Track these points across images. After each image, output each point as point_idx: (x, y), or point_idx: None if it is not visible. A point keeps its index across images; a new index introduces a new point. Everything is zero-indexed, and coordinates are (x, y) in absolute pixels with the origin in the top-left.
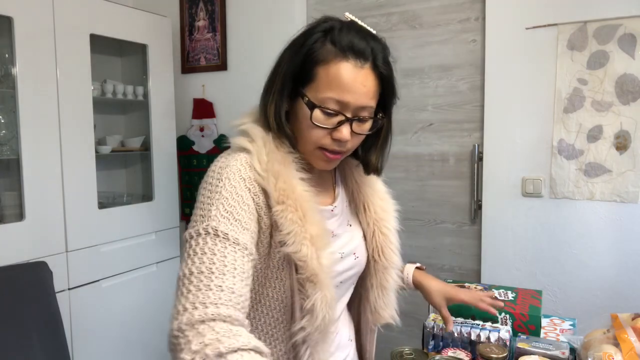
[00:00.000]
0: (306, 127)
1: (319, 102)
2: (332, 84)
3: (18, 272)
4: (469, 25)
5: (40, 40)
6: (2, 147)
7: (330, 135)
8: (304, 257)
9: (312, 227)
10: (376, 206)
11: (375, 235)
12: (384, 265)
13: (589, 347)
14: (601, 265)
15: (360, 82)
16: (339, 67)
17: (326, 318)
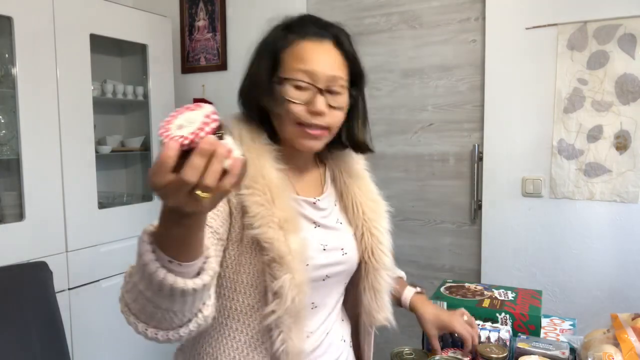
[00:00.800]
0: (283, 108)
1: (288, 76)
2: (296, 59)
3: (18, 272)
4: (469, 25)
5: (40, 40)
6: (2, 147)
7: (306, 110)
8: (269, 239)
9: (281, 211)
10: (365, 207)
11: (364, 236)
12: (375, 267)
13: (589, 347)
14: (601, 265)
15: (323, 52)
16: (300, 45)
17: (296, 300)
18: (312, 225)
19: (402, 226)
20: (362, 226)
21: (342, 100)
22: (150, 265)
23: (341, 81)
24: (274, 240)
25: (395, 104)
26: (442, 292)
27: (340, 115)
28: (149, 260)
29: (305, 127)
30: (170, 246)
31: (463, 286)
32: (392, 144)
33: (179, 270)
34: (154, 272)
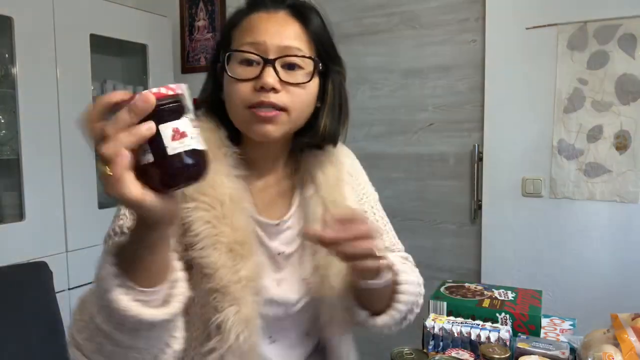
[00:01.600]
0: (229, 88)
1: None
2: (244, 33)
3: (18, 272)
4: (469, 25)
5: (40, 40)
6: (2, 147)
7: (253, 88)
8: (213, 265)
9: (234, 232)
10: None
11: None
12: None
13: (589, 347)
14: (601, 265)
15: (274, 22)
16: (249, 18)
17: (240, 338)
18: (270, 253)
19: (402, 226)
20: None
21: (301, 76)
22: (113, 293)
23: (298, 52)
24: (218, 266)
25: (395, 104)
26: (442, 292)
27: (301, 94)
28: (111, 286)
29: (254, 109)
30: (131, 268)
31: (463, 286)
32: (392, 144)
33: (144, 299)
34: (115, 299)
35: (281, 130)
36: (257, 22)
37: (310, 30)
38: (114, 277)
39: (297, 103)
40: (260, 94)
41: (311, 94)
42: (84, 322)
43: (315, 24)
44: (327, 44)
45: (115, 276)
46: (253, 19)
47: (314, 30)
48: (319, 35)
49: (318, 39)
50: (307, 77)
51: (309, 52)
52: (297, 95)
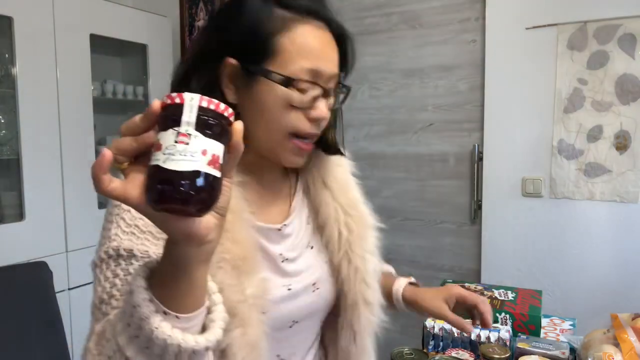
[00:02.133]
0: (278, 112)
1: (292, 76)
2: (301, 52)
3: (18, 272)
4: (469, 25)
5: (40, 40)
6: (2, 147)
7: (305, 117)
8: (219, 284)
9: (235, 246)
10: (341, 224)
11: (342, 262)
12: (354, 300)
13: (589, 347)
14: (601, 265)
15: (329, 46)
16: (304, 31)
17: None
18: (278, 260)
19: (402, 226)
20: (339, 250)
21: (332, 102)
22: (151, 321)
23: (336, 80)
24: (223, 286)
25: (395, 104)
26: None
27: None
28: (148, 313)
29: (299, 140)
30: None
31: (463, 286)
32: (392, 144)
33: (184, 326)
34: (155, 328)
35: (307, 157)
36: (315, 41)
37: (343, 44)
38: (149, 302)
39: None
40: (313, 126)
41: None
42: (105, 358)
43: (346, 34)
44: (353, 52)
45: (151, 301)
46: (308, 35)
47: (346, 45)
48: (347, 50)
49: (346, 53)
50: (337, 103)
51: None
52: (328, 120)
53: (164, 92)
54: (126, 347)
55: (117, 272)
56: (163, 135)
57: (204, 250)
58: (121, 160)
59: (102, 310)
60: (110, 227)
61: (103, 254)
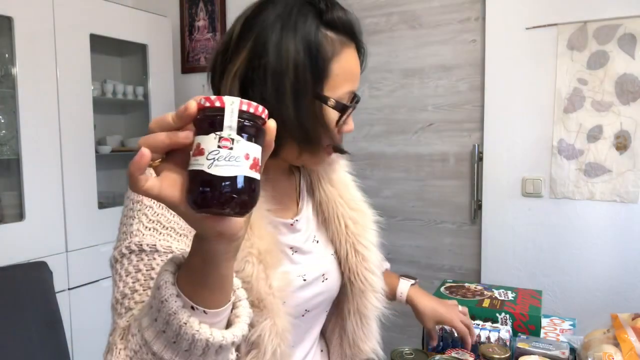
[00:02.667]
0: (324, 129)
1: (340, 100)
2: (347, 77)
3: (18, 272)
4: (469, 25)
5: (40, 40)
6: (2, 147)
7: (339, 131)
8: (248, 278)
9: (260, 241)
10: (347, 219)
11: (349, 254)
12: (361, 289)
13: (589, 347)
14: (601, 265)
15: (359, 68)
16: (348, 56)
17: (277, 353)
18: (289, 253)
19: (402, 226)
20: (346, 242)
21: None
22: (180, 316)
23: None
24: (252, 279)
25: (395, 104)
26: (442, 292)
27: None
28: (176, 308)
29: (327, 149)
30: (192, 288)
31: (463, 286)
32: (392, 144)
33: (211, 321)
34: (184, 323)
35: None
36: (355, 65)
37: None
38: (177, 297)
39: None
40: (341, 137)
41: None
42: (132, 353)
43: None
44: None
45: (178, 296)
46: (351, 58)
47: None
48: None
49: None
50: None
51: None
52: None
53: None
54: (153, 342)
55: (140, 267)
56: (204, 139)
57: (232, 246)
58: (154, 157)
59: (125, 304)
60: (132, 223)
61: (124, 249)
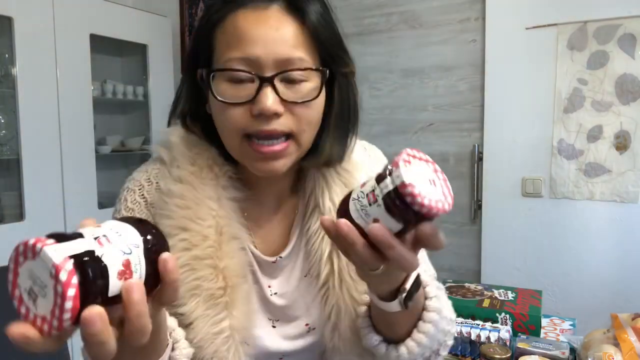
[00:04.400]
0: (218, 113)
1: (218, 67)
2: (231, 42)
3: None
4: (469, 25)
5: (40, 40)
6: (2, 147)
7: (250, 113)
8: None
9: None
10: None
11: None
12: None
13: (589, 347)
14: (601, 265)
15: (268, 26)
16: (234, 18)
17: None
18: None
19: None
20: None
21: (307, 91)
22: None
23: (302, 63)
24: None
25: (395, 104)
26: None
27: (308, 113)
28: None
29: (254, 144)
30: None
31: (463, 286)
32: (392, 144)
33: None
34: None
35: (289, 162)
36: (246, 26)
37: (311, 28)
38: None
39: (304, 124)
40: (260, 122)
41: (319, 109)
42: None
43: (315, 17)
44: (332, 42)
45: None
46: (239, 21)
47: (315, 27)
48: (321, 33)
49: (320, 37)
50: (313, 92)
51: (312, 59)
52: (303, 116)
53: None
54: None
55: None
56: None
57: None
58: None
59: None
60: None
61: None
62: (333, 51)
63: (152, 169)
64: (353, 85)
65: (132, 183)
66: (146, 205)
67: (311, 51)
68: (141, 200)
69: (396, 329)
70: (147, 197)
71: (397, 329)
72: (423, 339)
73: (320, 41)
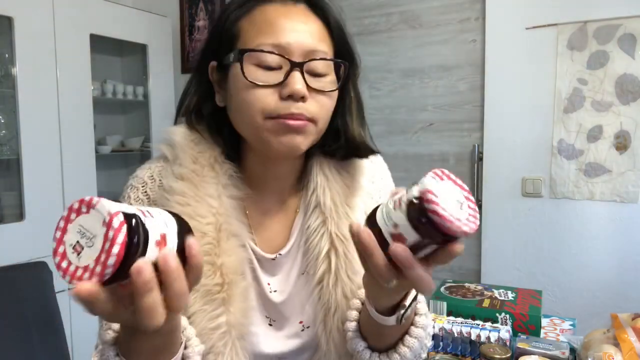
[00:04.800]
0: (245, 94)
1: (249, 47)
2: (262, 29)
3: (18, 272)
4: (469, 25)
5: (40, 40)
6: (2, 147)
7: (279, 96)
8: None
9: (216, 271)
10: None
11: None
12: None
13: (589, 347)
14: (601, 265)
15: (297, 20)
16: (263, 10)
17: None
18: (263, 288)
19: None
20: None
21: (328, 83)
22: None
23: (325, 55)
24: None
25: (395, 104)
26: (442, 292)
27: (327, 103)
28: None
29: (279, 119)
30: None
31: (463, 286)
32: (392, 144)
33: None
34: None
35: (309, 142)
36: (276, 17)
37: (331, 27)
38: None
39: (324, 113)
40: (290, 104)
41: (334, 102)
42: None
43: (334, 19)
44: (346, 42)
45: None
46: (269, 12)
47: (334, 27)
48: (339, 34)
49: (338, 37)
50: (334, 84)
51: (332, 54)
52: (323, 105)
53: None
54: None
55: None
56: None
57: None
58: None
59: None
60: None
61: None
62: (349, 50)
63: (156, 166)
64: (358, 88)
65: (136, 180)
66: (149, 202)
67: (331, 47)
68: (144, 197)
69: (383, 339)
70: (150, 195)
71: (384, 339)
72: (407, 353)
73: (338, 40)
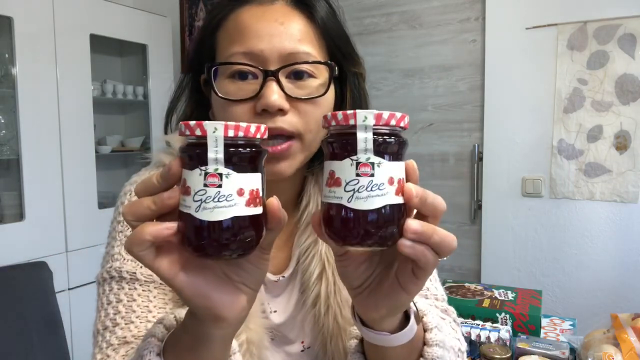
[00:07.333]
0: (220, 111)
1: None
2: (233, 37)
3: (18, 272)
4: (469, 25)
5: (40, 40)
6: (2, 147)
7: (253, 112)
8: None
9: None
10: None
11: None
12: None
13: (589, 347)
14: (601, 265)
15: (272, 20)
16: (237, 15)
17: None
18: (264, 308)
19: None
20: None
21: (314, 88)
22: None
23: (308, 57)
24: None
25: (395, 104)
26: None
27: (314, 111)
28: None
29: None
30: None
31: (463, 286)
32: None
33: None
34: None
35: (295, 164)
36: (249, 21)
37: (319, 23)
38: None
39: (312, 124)
40: (264, 119)
41: (327, 108)
42: None
43: (324, 13)
44: (340, 38)
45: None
46: (243, 17)
47: (324, 22)
48: (329, 29)
49: (329, 33)
50: (321, 88)
51: (320, 54)
52: (310, 114)
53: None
54: None
55: (120, 297)
56: (189, 176)
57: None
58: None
59: (107, 338)
60: (114, 245)
61: (105, 273)
62: (342, 48)
63: (152, 172)
64: (364, 90)
65: (132, 186)
66: None
67: (319, 46)
68: None
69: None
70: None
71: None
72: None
73: (329, 37)
